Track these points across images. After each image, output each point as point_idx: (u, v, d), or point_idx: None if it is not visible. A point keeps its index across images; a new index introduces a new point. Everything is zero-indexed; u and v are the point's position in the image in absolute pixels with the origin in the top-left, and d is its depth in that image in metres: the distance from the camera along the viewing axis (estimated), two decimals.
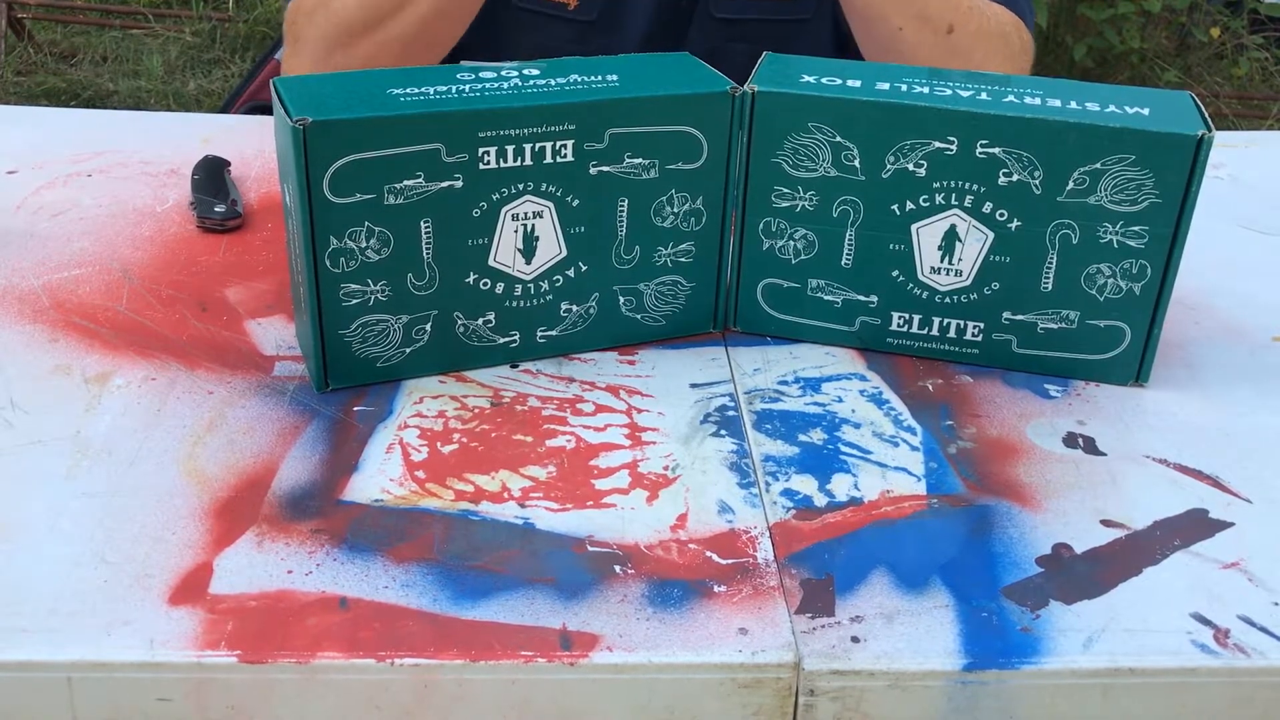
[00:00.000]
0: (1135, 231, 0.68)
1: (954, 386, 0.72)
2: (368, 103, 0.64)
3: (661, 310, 0.74)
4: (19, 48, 3.41)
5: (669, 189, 0.70)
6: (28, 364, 0.69)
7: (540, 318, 0.71)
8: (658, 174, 0.70)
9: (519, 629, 0.52)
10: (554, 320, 0.72)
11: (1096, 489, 0.63)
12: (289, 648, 0.51)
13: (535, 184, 0.67)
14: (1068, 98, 0.69)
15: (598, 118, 0.67)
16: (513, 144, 0.66)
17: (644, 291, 0.73)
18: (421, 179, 0.65)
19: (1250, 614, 0.55)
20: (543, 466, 0.63)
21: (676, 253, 0.73)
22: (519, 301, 0.70)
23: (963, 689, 0.52)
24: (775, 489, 0.62)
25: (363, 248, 0.65)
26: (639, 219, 0.71)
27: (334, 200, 0.63)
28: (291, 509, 0.59)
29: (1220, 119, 3.23)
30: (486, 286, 0.69)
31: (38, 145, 0.98)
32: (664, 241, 0.72)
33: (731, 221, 0.73)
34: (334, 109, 0.63)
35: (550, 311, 0.71)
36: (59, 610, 0.52)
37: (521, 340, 0.71)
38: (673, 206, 0.71)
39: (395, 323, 0.68)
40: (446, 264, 0.67)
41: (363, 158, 0.63)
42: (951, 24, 0.95)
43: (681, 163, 0.70)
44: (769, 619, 0.54)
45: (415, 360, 0.69)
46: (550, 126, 0.66)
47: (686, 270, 0.73)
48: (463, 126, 0.65)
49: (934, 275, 0.72)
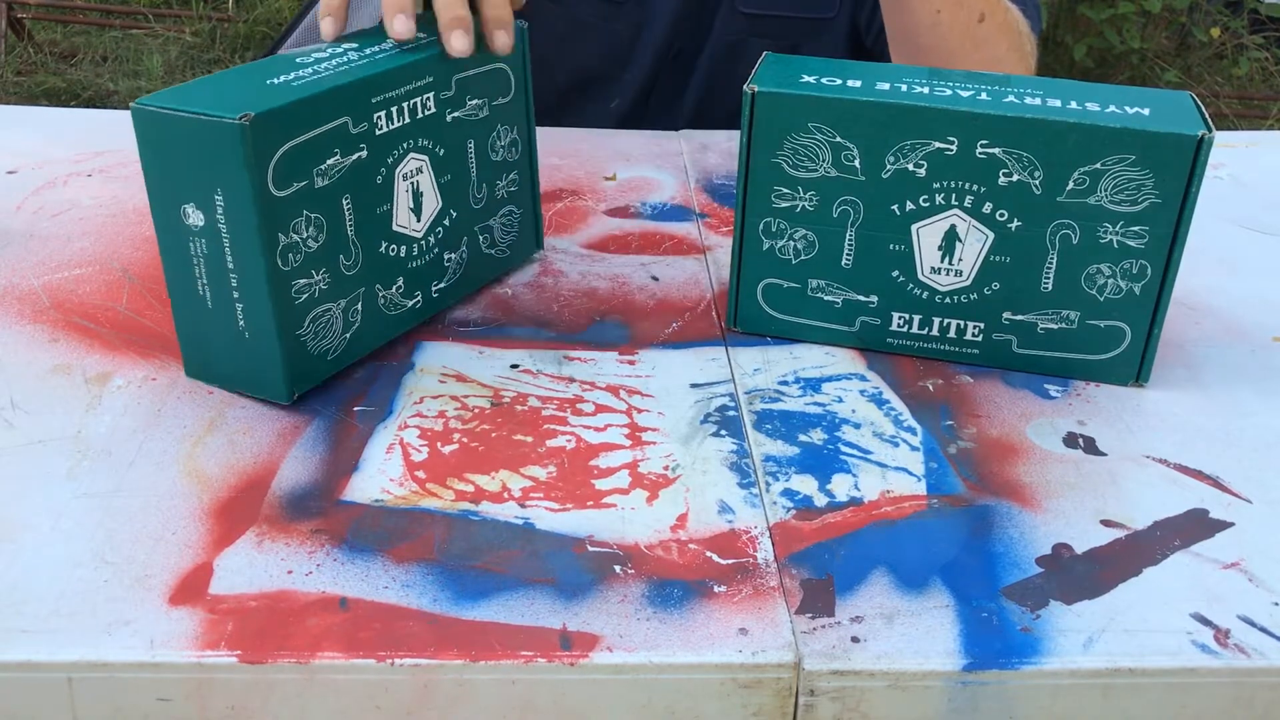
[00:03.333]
0: (1135, 231, 0.68)
1: (954, 386, 0.72)
2: (267, 93, 0.63)
3: (506, 241, 0.79)
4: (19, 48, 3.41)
5: (495, 124, 0.76)
6: (28, 364, 0.69)
7: (432, 273, 0.74)
8: (488, 112, 0.74)
9: (519, 629, 0.52)
10: (441, 273, 0.74)
11: (1096, 489, 0.63)
12: (289, 648, 0.51)
13: (414, 140, 0.70)
14: (1068, 98, 0.69)
15: (445, 68, 0.71)
16: (395, 105, 0.68)
17: (493, 226, 0.77)
18: (338, 155, 0.65)
19: (1250, 614, 0.55)
20: (543, 466, 0.63)
21: (509, 183, 0.78)
22: (417, 261, 0.72)
23: (963, 689, 0.52)
24: (775, 489, 0.62)
25: (304, 238, 0.64)
26: (482, 158, 0.75)
27: (277, 195, 0.62)
28: (291, 509, 0.59)
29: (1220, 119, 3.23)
30: (394, 252, 0.70)
31: (38, 145, 0.98)
32: (500, 175, 0.77)
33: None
34: (247, 104, 0.61)
35: (438, 265, 0.74)
36: (59, 610, 0.52)
37: (423, 299, 0.74)
38: (500, 140, 0.76)
39: (336, 309, 0.67)
40: (365, 238, 0.68)
41: (296, 144, 0.62)
42: (984, 12, 0.96)
43: (500, 98, 0.76)
44: (769, 619, 0.54)
45: (354, 344, 0.70)
46: (416, 82, 0.69)
47: (516, 199, 0.79)
48: (361, 94, 0.66)
49: (934, 275, 0.72)
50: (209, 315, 0.65)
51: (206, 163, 0.61)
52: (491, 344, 0.74)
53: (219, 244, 0.63)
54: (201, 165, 0.61)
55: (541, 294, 0.79)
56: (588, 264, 0.83)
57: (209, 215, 0.62)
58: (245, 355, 0.66)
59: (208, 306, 0.65)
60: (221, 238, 0.63)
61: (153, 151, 0.62)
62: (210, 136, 0.60)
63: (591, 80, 1.15)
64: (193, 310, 0.66)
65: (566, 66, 1.15)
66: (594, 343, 0.74)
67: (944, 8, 0.96)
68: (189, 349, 0.68)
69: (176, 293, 0.66)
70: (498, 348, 0.73)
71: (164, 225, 0.64)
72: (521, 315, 0.77)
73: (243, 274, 0.63)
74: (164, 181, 0.63)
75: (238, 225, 0.62)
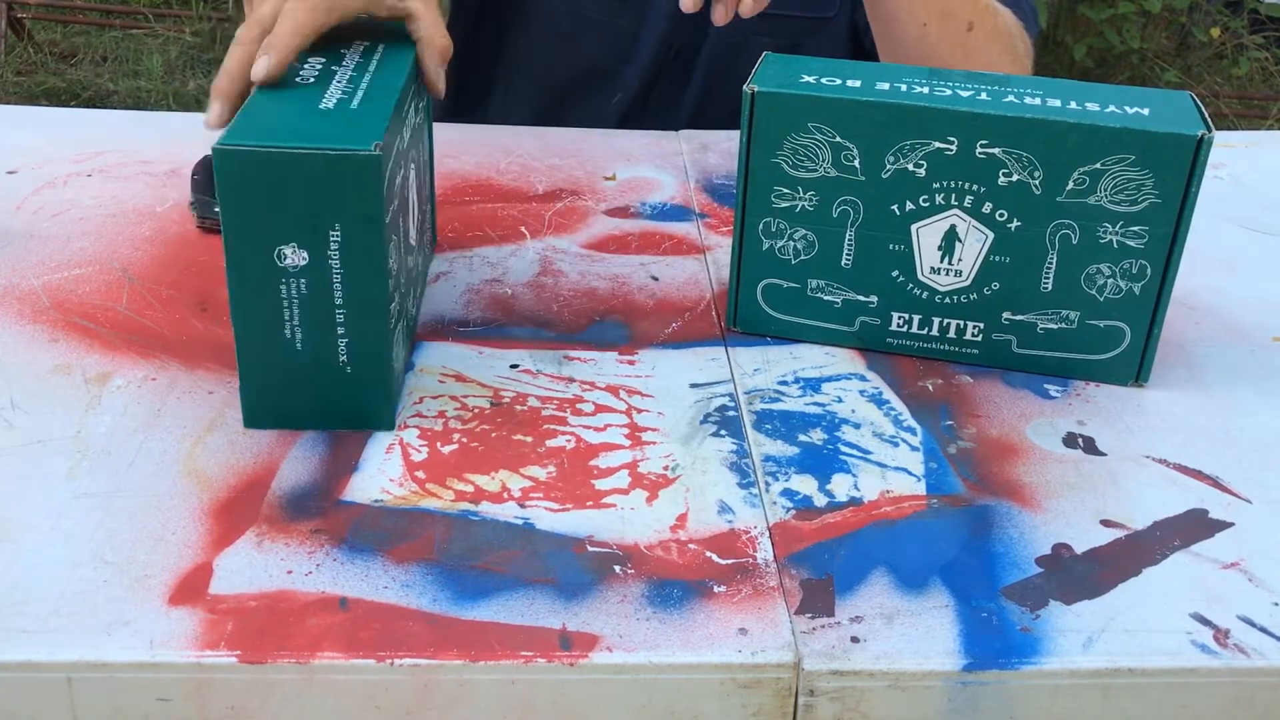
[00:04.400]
0: (1135, 231, 0.68)
1: (954, 386, 0.72)
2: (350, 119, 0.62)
3: (426, 240, 0.80)
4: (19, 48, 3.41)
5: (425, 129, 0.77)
6: (28, 364, 0.69)
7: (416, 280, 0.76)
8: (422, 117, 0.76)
9: (519, 629, 0.52)
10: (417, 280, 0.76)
11: (1096, 489, 0.63)
12: (289, 648, 0.51)
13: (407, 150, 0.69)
14: (1068, 98, 0.69)
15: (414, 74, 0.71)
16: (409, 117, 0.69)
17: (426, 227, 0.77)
18: (400, 175, 0.67)
19: (1250, 614, 0.55)
20: (543, 466, 0.63)
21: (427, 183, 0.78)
22: (413, 271, 0.73)
23: (963, 689, 0.52)
24: (775, 489, 0.62)
25: (391, 262, 0.63)
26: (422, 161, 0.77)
27: (386, 221, 0.61)
28: (291, 509, 0.59)
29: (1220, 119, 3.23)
30: (410, 264, 0.72)
31: (38, 145, 0.98)
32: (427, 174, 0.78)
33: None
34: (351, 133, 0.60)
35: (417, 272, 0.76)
36: (59, 610, 0.52)
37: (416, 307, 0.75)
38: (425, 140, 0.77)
39: (400, 329, 0.67)
40: (402, 253, 0.69)
41: (389, 168, 0.62)
42: (971, 21, 0.96)
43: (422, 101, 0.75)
44: (769, 619, 0.54)
45: (404, 362, 0.71)
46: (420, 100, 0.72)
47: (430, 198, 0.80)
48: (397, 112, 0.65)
49: (934, 275, 0.72)
50: (295, 357, 0.63)
51: (324, 198, 0.59)
52: (491, 344, 0.74)
53: (324, 281, 0.61)
54: (315, 202, 0.59)
55: (541, 294, 0.79)
56: (588, 264, 0.83)
57: (317, 252, 0.60)
58: (342, 391, 0.64)
59: (296, 349, 0.62)
60: (331, 274, 0.61)
61: (245, 194, 0.59)
62: (338, 170, 0.58)
63: (593, 76, 1.15)
64: (273, 354, 0.63)
65: (569, 62, 1.15)
66: (594, 343, 0.74)
67: (930, 20, 0.96)
68: (259, 396, 0.64)
69: (252, 339, 0.62)
70: (497, 348, 0.73)
71: (247, 270, 0.60)
72: (521, 315, 0.77)
73: (353, 308, 0.62)
74: (256, 224, 0.60)
75: (357, 258, 0.60)
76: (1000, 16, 1.00)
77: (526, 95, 1.18)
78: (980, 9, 0.97)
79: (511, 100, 1.18)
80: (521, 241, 0.86)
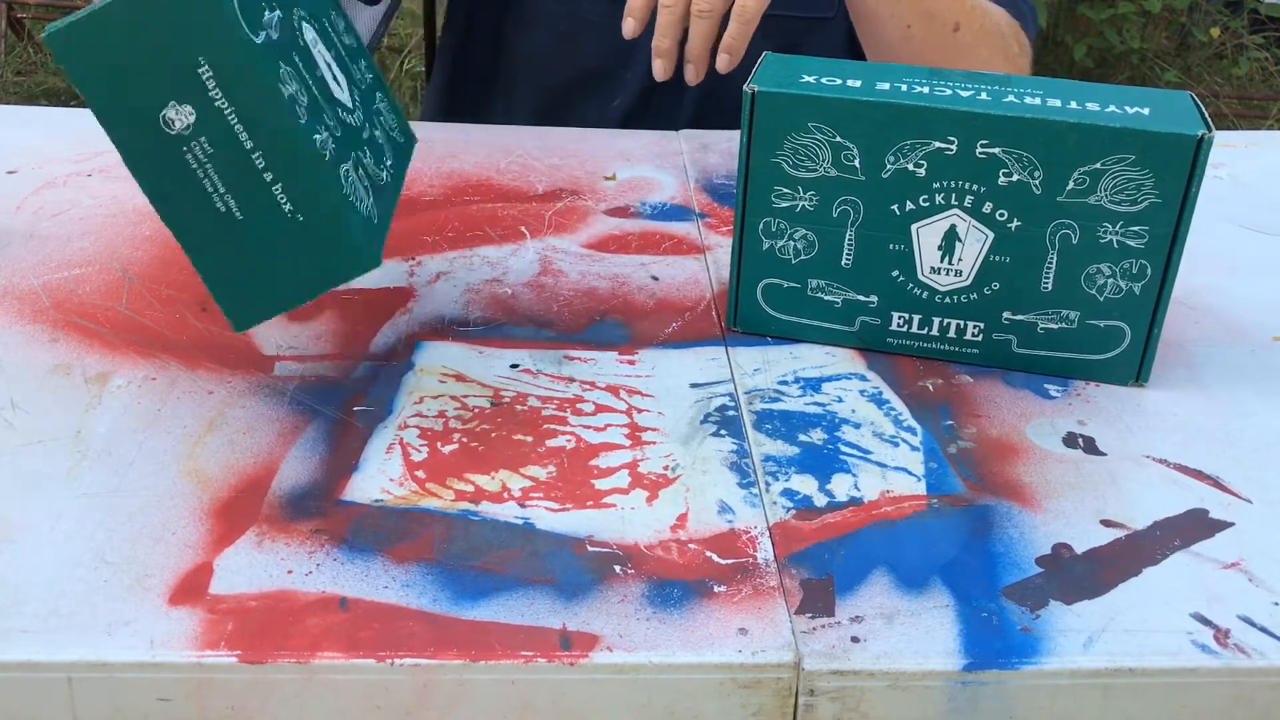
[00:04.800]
0: (1135, 231, 0.68)
1: (954, 386, 0.72)
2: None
3: (397, 127, 0.74)
4: (19, 48, 3.41)
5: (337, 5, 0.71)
6: (28, 364, 0.69)
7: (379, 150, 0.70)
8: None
9: (519, 629, 0.52)
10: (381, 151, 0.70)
11: (1096, 489, 0.63)
12: (289, 648, 0.51)
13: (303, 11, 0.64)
14: (1068, 98, 0.69)
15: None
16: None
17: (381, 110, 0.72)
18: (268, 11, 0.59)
19: (1250, 614, 0.55)
20: (543, 466, 0.63)
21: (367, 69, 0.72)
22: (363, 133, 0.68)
23: (963, 689, 0.52)
24: (775, 489, 0.62)
25: (294, 91, 0.57)
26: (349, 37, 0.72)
27: (257, 43, 0.55)
28: (291, 509, 0.59)
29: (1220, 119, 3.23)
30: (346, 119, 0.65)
31: (38, 145, 0.98)
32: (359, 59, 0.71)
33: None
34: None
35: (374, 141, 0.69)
36: (59, 610, 0.52)
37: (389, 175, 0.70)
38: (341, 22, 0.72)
39: (352, 170, 0.61)
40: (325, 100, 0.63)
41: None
42: (958, 21, 0.96)
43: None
44: (769, 619, 0.54)
45: (378, 210, 0.65)
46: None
47: (379, 85, 0.74)
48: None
49: (934, 275, 0.72)
50: (241, 230, 0.57)
51: (176, 35, 0.54)
52: (491, 344, 0.74)
53: (224, 128, 0.55)
54: (170, 48, 0.54)
55: (541, 294, 0.79)
56: (588, 264, 0.83)
57: (199, 100, 0.55)
58: (309, 244, 0.58)
59: (237, 218, 0.57)
60: (224, 117, 0.55)
61: (98, 68, 0.54)
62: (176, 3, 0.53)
63: (593, 78, 1.15)
64: (220, 240, 0.57)
65: (569, 64, 1.15)
66: (594, 343, 0.74)
67: (915, 22, 0.95)
68: (234, 294, 0.59)
69: (191, 235, 0.57)
70: (498, 347, 0.73)
71: (143, 154, 0.55)
72: (521, 315, 0.77)
73: (269, 146, 0.56)
74: (126, 98, 0.54)
75: (241, 87, 0.55)
76: (990, 16, 0.99)
77: (527, 99, 1.17)
78: (967, 9, 0.97)
79: (512, 104, 1.18)
80: (521, 241, 0.86)
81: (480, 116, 1.18)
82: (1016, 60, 1.01)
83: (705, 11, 0.83)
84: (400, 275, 0.80)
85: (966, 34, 0.96)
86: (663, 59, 0.86)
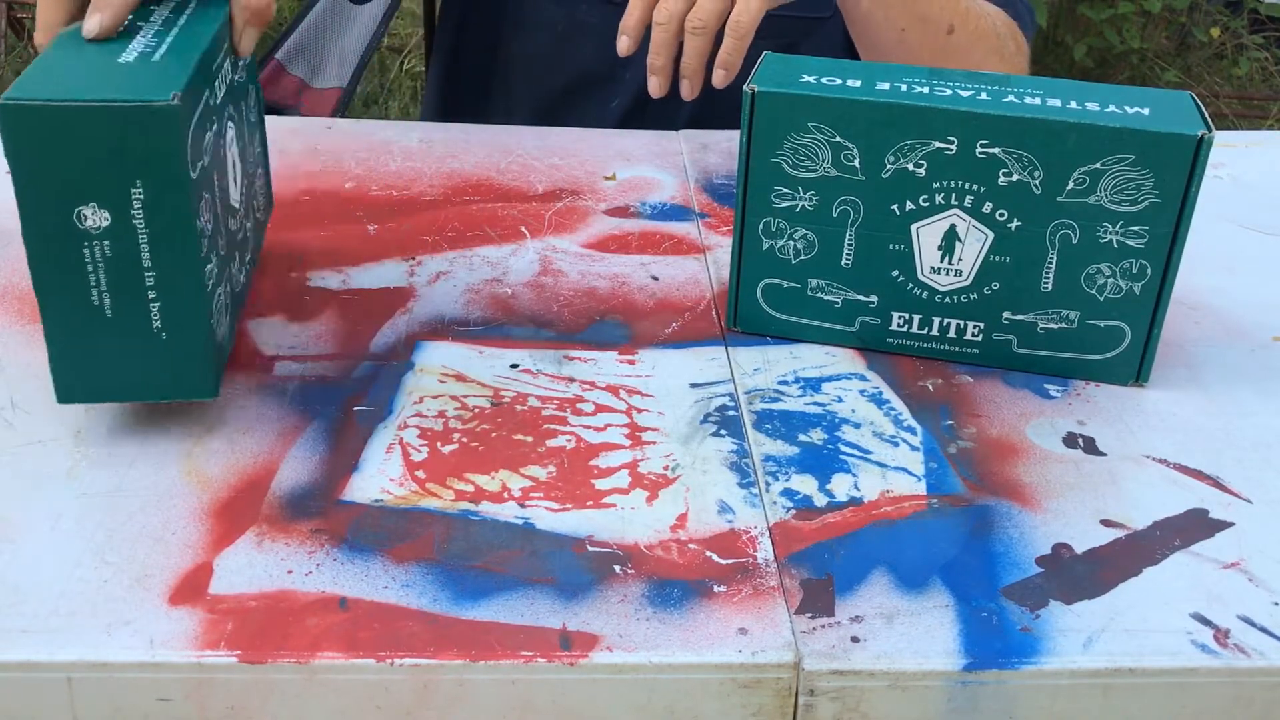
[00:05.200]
0: (1135, 231, 0.68)
1: (954, 386, 0.72)
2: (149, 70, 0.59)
3: (263, 203, 0.78)
4: (19, 48, 3.41)
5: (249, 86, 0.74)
6: (28, 364, 0.69)
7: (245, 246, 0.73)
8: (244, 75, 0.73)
9: (519, 629, 0.52)
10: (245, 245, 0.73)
11: (1096, 489, 0.63)
12: (289, 648, 0.51)
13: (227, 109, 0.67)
14: (1068, 98, 0.69)
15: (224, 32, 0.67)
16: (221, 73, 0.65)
17: (257, 189, 0.75)
18: (209, 130, 0.63)
19: (1250, 614, 0.55)
20: (543, 466, 0.63)
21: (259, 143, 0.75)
22: (239, 234, 0.71)
23: (963, 689, 0.52)
24: (775, 489, 0.62)
25: (204, 221, 0.60)
26: (248, 120, 0.74)
27: (192, 177, 0.58)
28: (291, 509, 0.59)
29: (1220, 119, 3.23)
30: (233, 227, 0.69)
31: None
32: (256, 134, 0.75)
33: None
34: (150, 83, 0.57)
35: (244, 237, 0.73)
36: (59, 610, 0.52)
37: (245, 275, 0.73)
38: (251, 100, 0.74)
39: (223, 293, 0.65)
40: (224, 214, 0.66)
41: (195, 120, 0.59)
42: (952, 24, 0.96)
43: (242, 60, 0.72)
44: (769, 619, 0.54)
45: (230, 330, 0.68)
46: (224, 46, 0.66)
47: (263, 159, 0.77)
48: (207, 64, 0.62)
49: (934, 275, 0.72)
50: (105, 325, 0.60)
51: (122, 154, 0.56)
52: (491, 344, 0.74)
53: (130, 243, 0.58)
54: (113, 158, 0.56)
55: (541, 294, 0.79)
56: (588, 264, 0.83)
57: (119, 213, 0.57)
58: (158, 359, 0.61)
59: (105, 315, 0.59)
60: (136, 234, 0.58)
61: (36, 152, 0.55)
62: (134, 123, 0.55)
63: (592, 81, 1.14)
64: (80, 324, 0.60)
65: (567, 67, 1.15)
66: (594, 343, 0.74)
67: (908, 25, 0.95)
68: (68, 369, 0.61)
69: (55, 308, 0.59)
70: (498, 347, 0.73)
71: (45, 234, 0.57)
72: (521, 315, 0.77)
73: (164, 270, 0.59)
74: (51, 184, 0.56)
75: (162, 217, 0.57)
76: (985, 18, 0.99)
77: (524, 101, 1.17)
78: (961, 12, 0.97)
79: (510, 108, 1.18)
80: (521, 241, 0.86)
81: (479, 120, 1.18)
82: (1013, 60, 1.01)
83: (699, 28, 0.83)
84: (400, 275, 0.80)
85: (961, 36, 0.96)
86: (658, 76, 0.86)
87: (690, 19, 0.84)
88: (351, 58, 1.30)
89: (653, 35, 0.86)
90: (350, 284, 0.79)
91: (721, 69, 0.85)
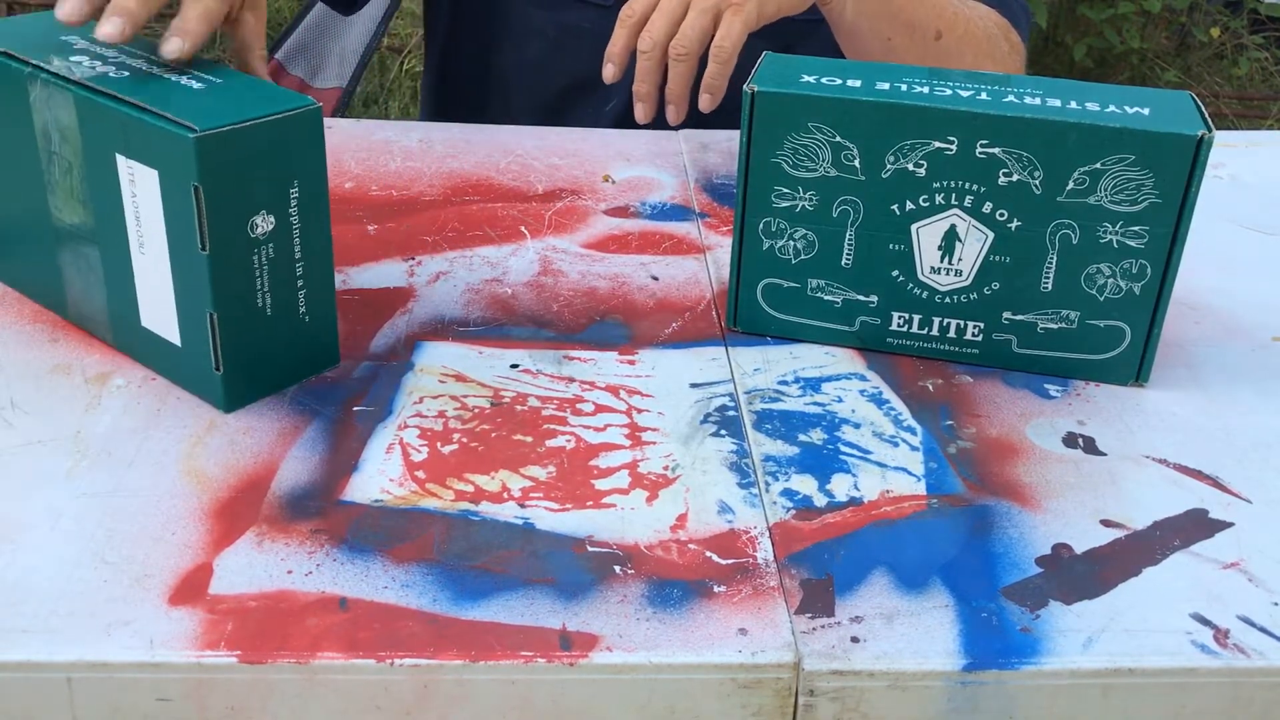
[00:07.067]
0: (1135, 231, 0.68)
1: (954, 386, 0.72)
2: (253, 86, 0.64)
3: None
4: None
5: None
6: (28, 364, 0.69)
7: None
8: None
9: (519, 629, 0.52)
10: None
11: (1096, 489, 0.63)
12: (289, 648, 0.51)
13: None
14: (1068, 98, 0.69)
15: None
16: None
17: None
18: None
19: (1250, 614, 0.55)
20: (543, 466, 0.63)
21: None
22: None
23: (963, 689, 0.52)
24: (775, 489, 0.62)
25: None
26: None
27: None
28: (291, 509, 0.59)
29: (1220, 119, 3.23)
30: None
31: None
32: None
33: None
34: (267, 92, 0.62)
35: None
36: (59, 610, 0.52)
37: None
38: None
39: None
40: None
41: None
42: (939, 30, 0.96)
43: None
44: (769, 619, 0.54)
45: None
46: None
47: None
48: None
49: (934, 275, 0.72)
50: (265, 323, 0.64)
51: (287, 159, 0.62)
52: (491, 344, 0.74)
53: (287, 240, 0.63)
54: (280, 165, 0.62)
55: (541, 294, 0.79)
56: (587, 264, 0.83)
57: (281, 214, 0.63)
58: (302, 343, 0.66)
59: (266, 315, 0.64)
60: (291, 231, 0.63)
61: (225, 174, 0.60)
62: (293, 129, 0.61)
63: (586, 85, 1.14)
64: (248, 329, 0.64)
65: (561, 72, 1.14)
66: (594, 343, 0.74)
67: (894, 34, 0.95)
68: (237, 378, 0.64)
69: (230, 320, 0.63)
70: (498, 348, 0.73)
71: (227, 253, 0.61)
72: (521, 315, 0.77)
73: (308, 258, 0.65)
74: (234, 202, 0.60)
75: (308, 209, 0.64)
76: (974, 21, 0.99)
77: (520, 108, 1.17)
78: (948, 17, 0.97)
79: (506, 114, 1.18)
80: (521, 241, 0.86)
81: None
82: (1007, 60, 1.01)
83: (683, 55, 0.84)
84: (400, 275, 0.80)
85: (949, 40, 0.96)
86: (644, 103, 0.87)
87: (673, 46, 0.85)
88: (351, 58, 1.30)
89: (637, 63, 0.86)
90: (350, 284, 0.79)
91: (707, 94, 0.86)
